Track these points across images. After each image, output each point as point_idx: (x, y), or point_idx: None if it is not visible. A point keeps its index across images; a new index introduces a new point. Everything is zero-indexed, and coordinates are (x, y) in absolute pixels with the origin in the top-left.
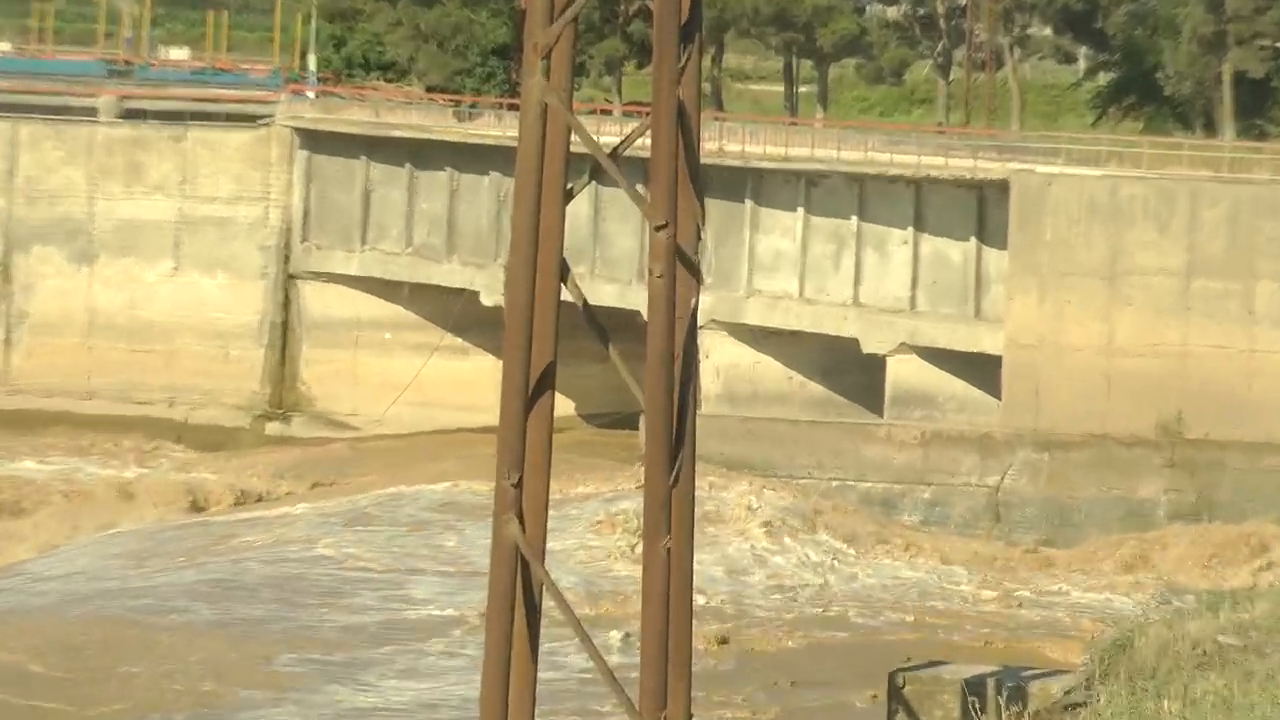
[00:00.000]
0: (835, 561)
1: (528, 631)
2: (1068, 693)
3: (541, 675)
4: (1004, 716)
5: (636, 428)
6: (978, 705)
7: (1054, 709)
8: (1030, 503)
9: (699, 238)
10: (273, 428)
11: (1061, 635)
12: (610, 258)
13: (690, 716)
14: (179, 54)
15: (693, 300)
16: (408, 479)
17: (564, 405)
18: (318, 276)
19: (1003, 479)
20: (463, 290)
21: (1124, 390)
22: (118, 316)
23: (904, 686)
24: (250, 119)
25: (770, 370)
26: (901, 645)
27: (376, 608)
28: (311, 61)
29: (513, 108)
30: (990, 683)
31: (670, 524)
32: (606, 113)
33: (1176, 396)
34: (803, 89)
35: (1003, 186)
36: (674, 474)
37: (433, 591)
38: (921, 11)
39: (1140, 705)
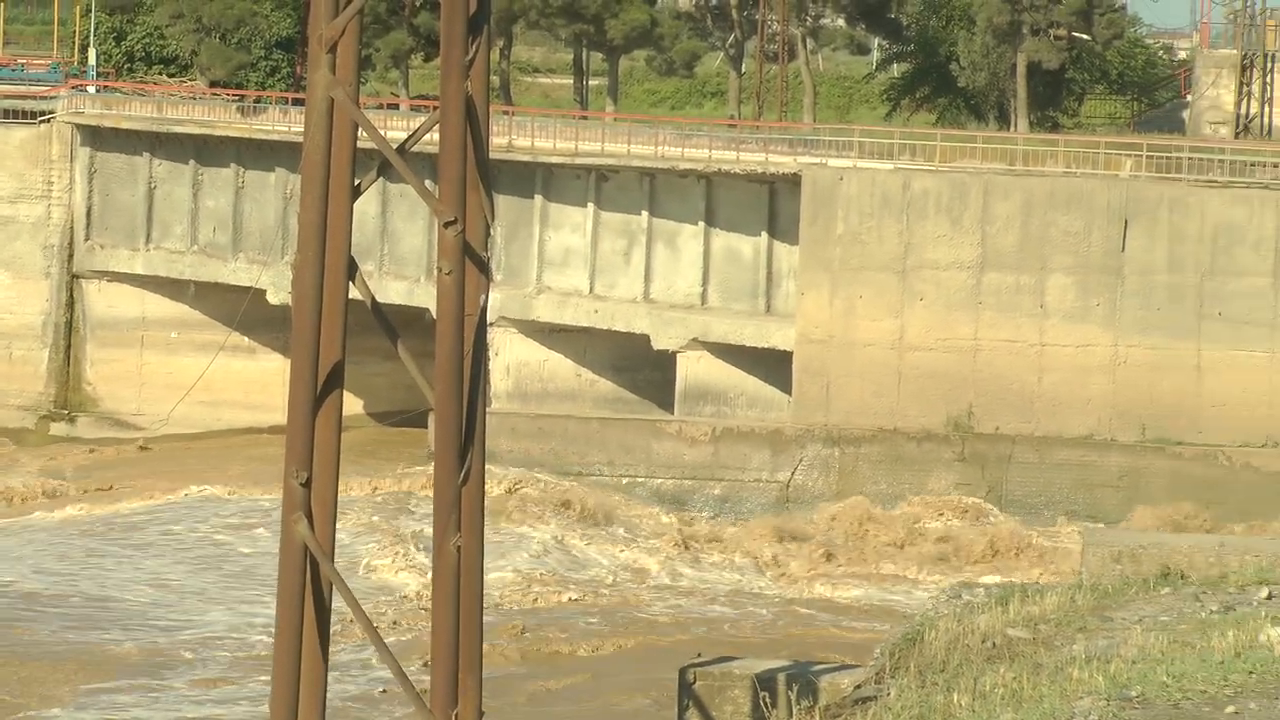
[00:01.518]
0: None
1: (318, 631)
2: (858, 687)
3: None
4: (794, 711)
5: (426, 426)
6: (768, 700)
7: (844, 703)
8: (821, 498)
9: (488, 234)
10: (58, 428)
11: (847, 631)
12: (398, 255)
13: (481, 715)
14: None
15: (482, 298)
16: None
17: (353, 404)
18: (102, 275)
19: (793, 474)
20: (249, 288)
21: (915, 385)
22: None
23: (694, 682)
24: (30, 115)
25: (561, 367)
26: (693, 642)
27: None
28: (91, 56)
29: (298, 102)
30: (781, 678)
31: (460, 522)
32: (394, 107)
33: (968, 391)
34: (593, 82)
35: (794, 181)
36: (464, 472)
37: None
38: (713, 2)
39: (930, 698)
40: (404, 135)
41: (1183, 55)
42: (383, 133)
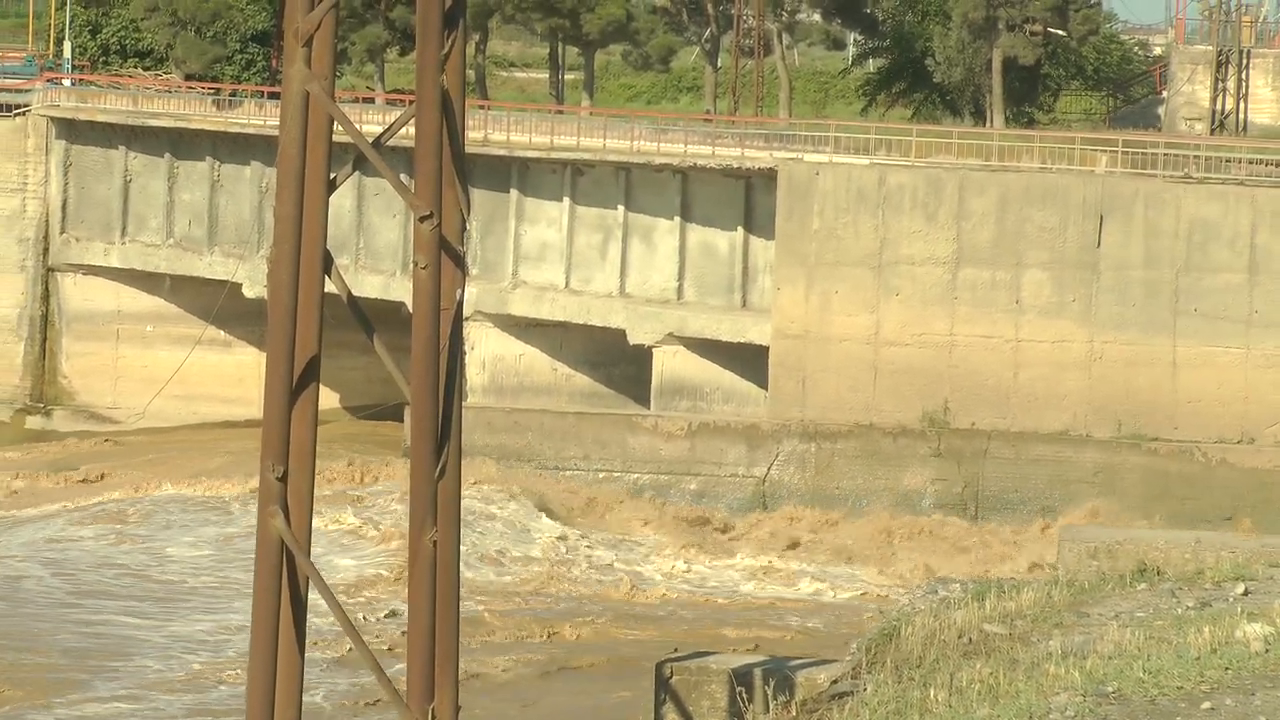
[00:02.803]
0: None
1: (294, 626)
2: (834, 682)
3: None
4: (771, 706)
5: (402, 420)
6: (745, 695)
7: (821, 698)
8: (797, 493)
9: (464, 228)
10: (33, 422)
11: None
12: (374, 249)
13: (458, 709)
14: None
15: (458, 292)
16: (169, 477)
17: (329, 398)
18: (77, 269)
19: (769, 469)
20: (225, 282)
21: (891, 380)
22: None
23: (671, 677)
24: (4, 108)
25: (537, 362)
26: (672, 638)
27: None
28: (67, 48)
29: (274, 96)
30: (758, 673)
31: (436, 517)
32: (369, 101)
33: (943, 387)
34: (569, 76)
35: (770, 175)
36: (440, 466)
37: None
38: None
39: (907, 694)
40: (380, 129)
41: (1158, 51)
42: (358, 127)
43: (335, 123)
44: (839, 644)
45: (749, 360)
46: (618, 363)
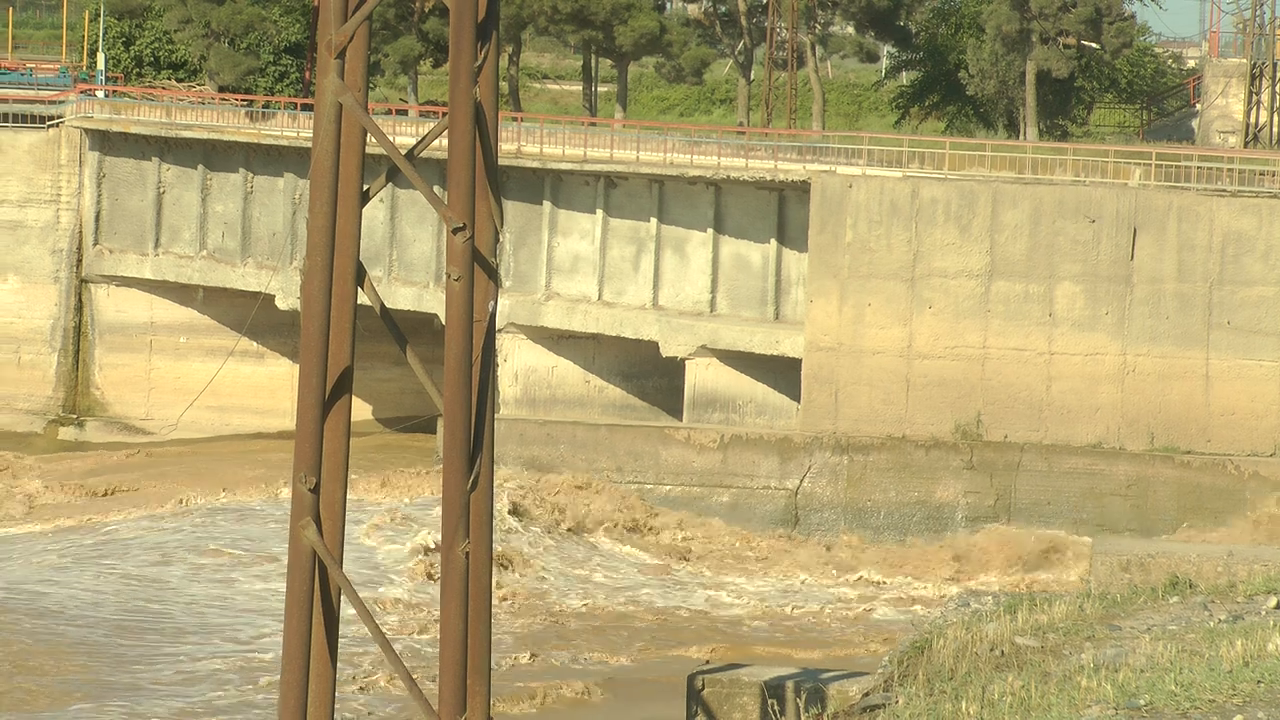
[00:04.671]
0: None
1: (326, 636)
2: (866, 695)
3: None
4: (803, 718)
5: (434, 431)
6: (777, 708)
7: (852, 711)
8: (829, 505)
9: (497, 240)
10: (66, 433)
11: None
12: (407, 261)
13: (490, 719)
14: None
15: (491, 304)
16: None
17: (361, 409)
18: (111, 280)
19: (802, 482)
20: (258, 294)
21: (923, 393)
22: None
23: (703, 689)
24: (39, 119)
25: (569, 374)
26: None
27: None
28: (100, 60)
29: (307, 108)
30: (789, 685)
31: (469, 528)
32: (403, 113)
33: (976, 399)
34: (602, 88)
35: (803, 188)
36: (472, 478)
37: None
38: (723, 9)
39: (938, 707)
40: (413, 141)
41: (1191, 64)
42: (391, 138)
43: (368, 134)
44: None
45: (782, 373)
46: (650, 375)
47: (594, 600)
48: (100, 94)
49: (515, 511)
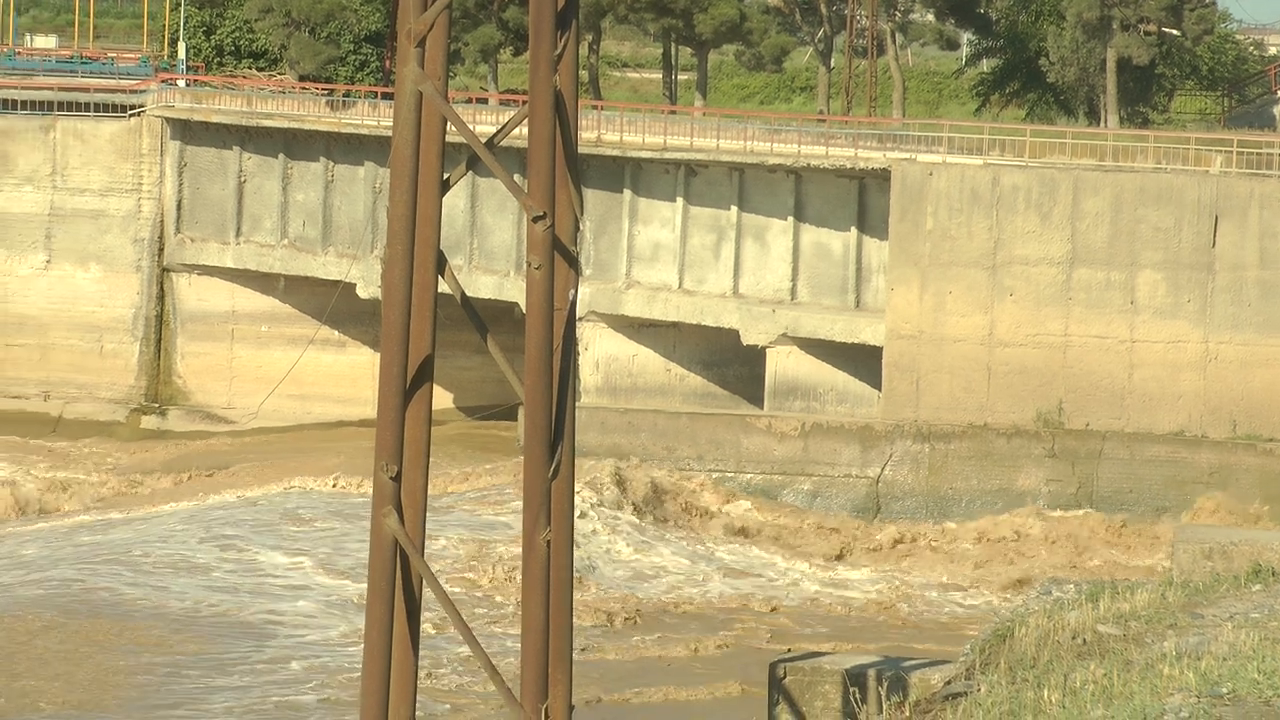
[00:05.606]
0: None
1: (408, 625)
2: (948, 683)
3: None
4: (885, 706)
5: (515, 420)
6: (859, 695)
7: (934, 699)
8: (911, 494)
9: (577, 228)
10: (149, 421)
11: (942, 627)
12: (488, 249)
13: (571, 708)
14: (45, 42)
15: (571, 292)
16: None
17: (442, 398)
18: (192, 269)
19: (883, 470)
20: (339, 282)
21: (1005, 381)
22: None
23: (784, 677)
24: (120, 109)
25: (650, 362)
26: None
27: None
28: (181, 49)
29: (387, 97)
30: (871, 673)
31: (550, 516)
32: (483, 101)
33: (1057, 387)
34: (682, 76)
35: (884, 176)
36: (553, 466)
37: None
38: None
39: (1020, 695)
40: (493, 130)
41: (1273, 51)
42: (471, 127)
43: (448, 123)
44: None
45: (862, 361)
46: (731, 363)
47: (675, 588)
48: (181, 83)
49: (597, 500)
